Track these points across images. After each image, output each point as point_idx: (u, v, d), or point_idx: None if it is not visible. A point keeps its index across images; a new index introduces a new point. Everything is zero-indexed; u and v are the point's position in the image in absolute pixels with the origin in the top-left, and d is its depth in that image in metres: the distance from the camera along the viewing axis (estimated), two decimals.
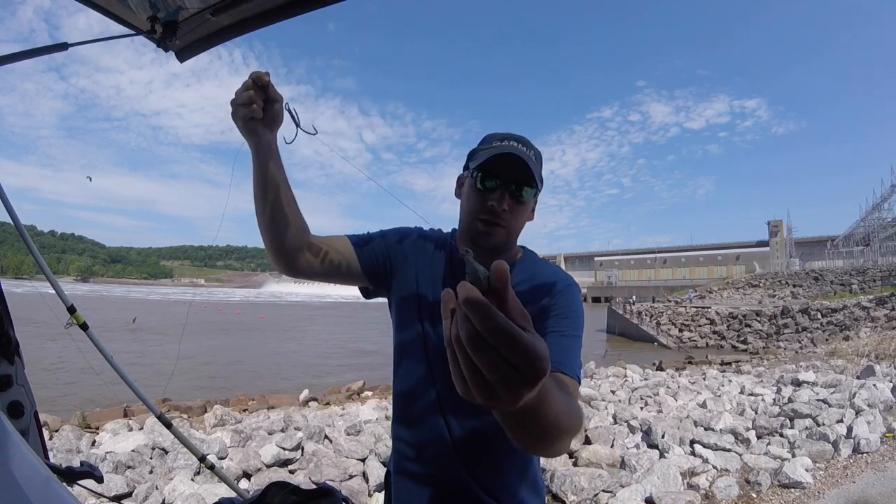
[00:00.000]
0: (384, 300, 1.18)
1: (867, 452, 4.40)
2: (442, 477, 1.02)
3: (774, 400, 6.59)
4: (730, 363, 14.02)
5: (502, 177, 0.98)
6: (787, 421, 5.31)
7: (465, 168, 1.07)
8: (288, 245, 0.99)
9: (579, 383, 0.93)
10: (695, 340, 26.75)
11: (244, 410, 7.33)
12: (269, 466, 4.24)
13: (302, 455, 4.51)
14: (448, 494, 1.02)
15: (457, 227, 1.12)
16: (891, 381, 6.70)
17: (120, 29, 1.27)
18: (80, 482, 0.98)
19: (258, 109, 0.88)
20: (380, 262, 1.08)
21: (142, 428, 5.42)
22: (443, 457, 1.01)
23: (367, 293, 1.14)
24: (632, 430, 5.14)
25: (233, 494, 2.10)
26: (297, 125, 0.96)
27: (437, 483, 1.02)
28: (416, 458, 1.04)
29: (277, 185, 0.95)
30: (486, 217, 0.99)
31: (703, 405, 6.32)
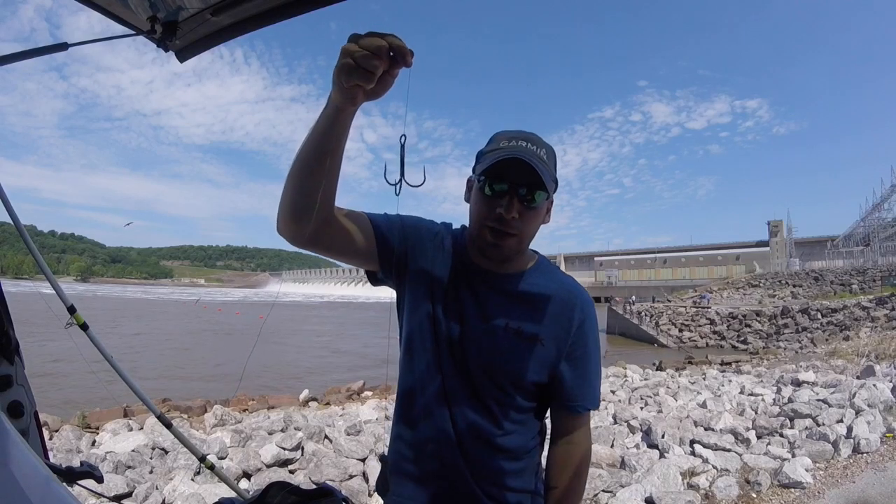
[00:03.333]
0: (390, 295, 1.16)
1: (867, 452, 4.39)
2: (442, 473, 1.01)
3: (774, 400, 6.59)
4: (730, 363, 14.02)
5: (511, 181, 0.93)
6: (787, 421, 5.31)
7: (474, 170, 1.02)
8: (316, 213, 0.87)
9: (598, 407, 1.09)
10: (695, 340, 26.76)
11: (244, 410, 7.33)
12: (269, 466, 4.23)
13: (302, 455, 4.51)
14: (447, 492, 1.01)
15: (467, 225, 1.08)
16: (891, 381, 6.69)
17: (120, 29, 1.27)
18: (80, 482, 0.98)
19: (374, 81, 0.72)
20: (397, 251, 1.03)
21: (142, 428, 5.42)
22: (444, 451, 1.01)
23: (374, 280, 1.09)
24: (632, 430, 5.14)
25: (233, 494, 2.11)
26: (402, 177, 0.85)
27: (437, 480, 1.02)
28: (418, 453, 1.04)
29: (336, 150, 0.84)
30: (495, 225, 0.95)
31: (703, 405, 6.32)
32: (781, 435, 4.90)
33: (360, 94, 0.75)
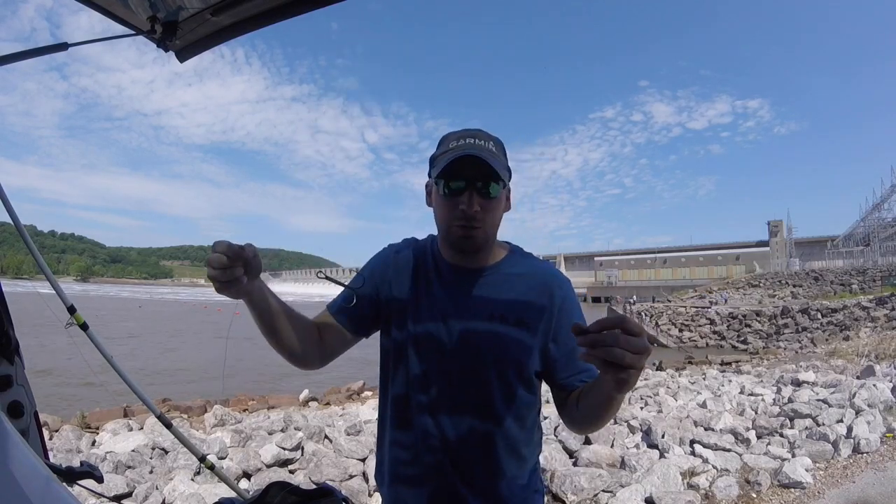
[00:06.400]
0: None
1: (867, 452, 4.39)
2: (440, 475, 1.01)
3: (774, 400, 6.58)
4: (730, 363, 14.02)
5: (466, 178, 0.96)
6: (787, 421, 5.30)
7: (430, 175, 1.04)
8: (300, 356, 1.04)
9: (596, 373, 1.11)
10: (695, 340, 26.74)
11: (244, 410, 7.33)
12: (269, 466, 4.23)
13: (302, 455, 4.51)
14: (445, 493, 1.01)
15: (435, 233, 1.10)
16: (891, 381, 6.69)
17: (120, 29, 1.27)
18: (80, 482, 0.98)
19: (241, 275, 0.84)
20: (366, 314, 1.10)
21: (142, 428, 5.42)
22: (440, 454, 1.01)
23: (366, 336, 1.16)
24: (632, 430, 5.14)
25: (233, 494, 2.11)
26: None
27: (435, 482, 1.02)
28: (414, 457, 1.04)
29: (278, 315, 0.97)
30: (461, 222, 0.98)
31: (703, 405, 6.31)
32: (781, 435, 4.89)
33: (243, 286, 0.86)
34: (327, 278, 1.11)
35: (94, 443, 5.10)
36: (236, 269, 0.83)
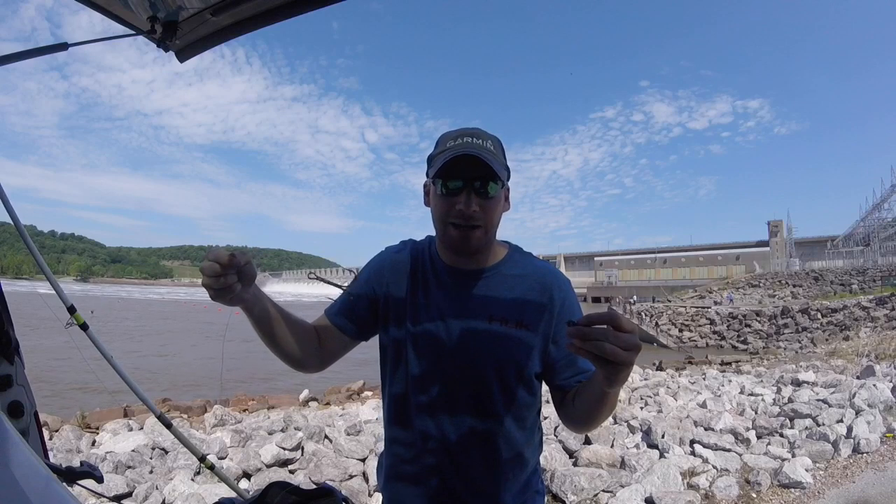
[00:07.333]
0: None
1: (867, 452, 4.39)
2: (439, 475, 1.01)
3: (774, 400, 6.58)
4: (730, 363, 14.01)
5: (464, 177, 0.95)
6: (787, 421, 5.31)
7: (427, 175, 1.03)
8: (299, 360, 1.05)
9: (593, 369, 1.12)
10: (695, 340, 26.78)
11: (244, 410, 7.33)
12: (269, 466, 4.23)
13: (302, 455, 4.51)
14: (445, 493, 1.01)
15: (434, 234, 1.09)
16: (891, 381, 6.69)
17: (120, 29, 1.27)
18: (80, 482, 0.98)
19: (234, 282, 0.85)
20: (364, 316, 1.10)
21: (142, 428, 5.42)
22: (440, 454, 1.01)
23: (365, 339, 1.15)
24: (632, 430, 5.14)
25: (233, 494, 2.11)
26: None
27: (434, 482, 1.02)
28: (414, 457, 1.04)
29: (275, 321, 0.98)
30: (458, 221, 0.96)
31: (703, 405, 6.31)
32: (781, 435, 4.89)
33: (237, 293, 0.87)
34: (318, 279, 1.12)
35: (94, 443, 5.10)
36: (229, 276, 0.84)
